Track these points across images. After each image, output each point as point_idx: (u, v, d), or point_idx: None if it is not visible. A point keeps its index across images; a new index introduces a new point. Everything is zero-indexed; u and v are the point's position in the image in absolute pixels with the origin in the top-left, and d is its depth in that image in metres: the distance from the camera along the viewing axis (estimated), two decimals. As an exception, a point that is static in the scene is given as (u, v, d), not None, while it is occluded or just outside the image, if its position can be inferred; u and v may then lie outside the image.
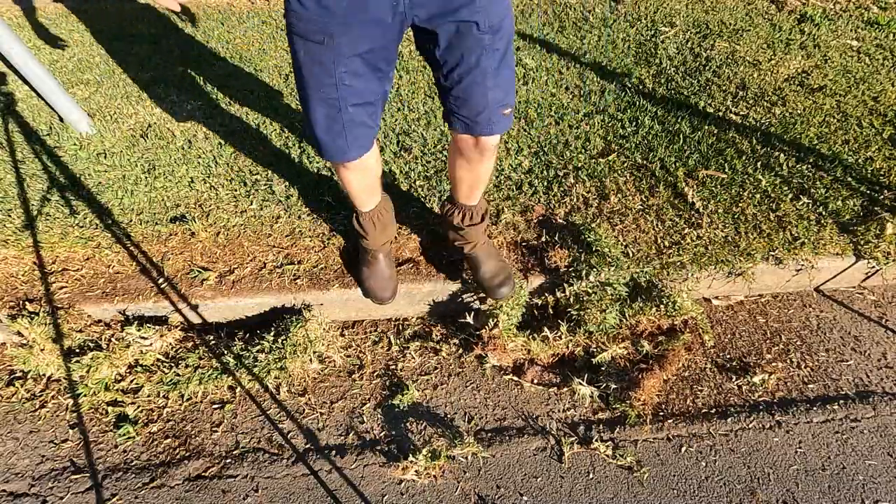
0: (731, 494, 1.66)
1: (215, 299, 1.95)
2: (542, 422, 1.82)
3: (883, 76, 2.79)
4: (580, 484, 1.68)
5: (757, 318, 2.11)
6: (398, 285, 1.92)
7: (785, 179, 2.27)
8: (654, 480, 1.69)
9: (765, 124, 2.52)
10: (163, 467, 1.72)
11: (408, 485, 1.68)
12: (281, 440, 1.78)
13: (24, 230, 2.08)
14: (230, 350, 1.90)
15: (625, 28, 3.14)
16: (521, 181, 2.27)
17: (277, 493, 1.66)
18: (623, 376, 1.83)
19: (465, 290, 2.00)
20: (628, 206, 2.17)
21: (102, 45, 3.00)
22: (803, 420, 1.81)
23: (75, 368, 1.82)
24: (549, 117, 2.56)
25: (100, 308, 1.92)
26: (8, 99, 2.57)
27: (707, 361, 1.98)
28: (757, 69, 2.84)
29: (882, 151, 2.38)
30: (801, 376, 1.93)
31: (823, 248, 2.05)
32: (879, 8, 3.32)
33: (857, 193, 2.22)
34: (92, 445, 1.76)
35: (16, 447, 1.76)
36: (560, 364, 1.95)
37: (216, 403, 1.86)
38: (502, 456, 1.74)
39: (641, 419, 1.80)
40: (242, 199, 2.21)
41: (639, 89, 2.73)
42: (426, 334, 2.05)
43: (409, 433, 1.79)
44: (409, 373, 1.95)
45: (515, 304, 1.89)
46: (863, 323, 2.09)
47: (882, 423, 1.80)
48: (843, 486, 1.67)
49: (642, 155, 2.37)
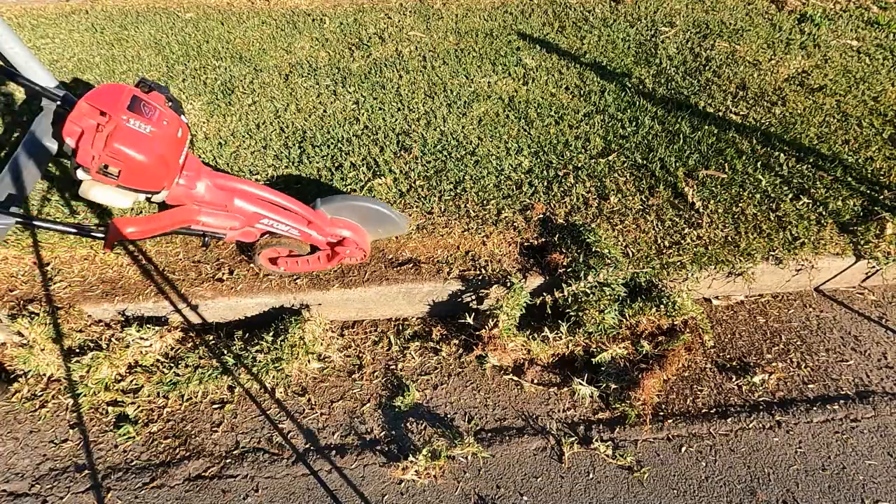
0: (731, 494, 1.66)
1: (215, 299, 1.95)
2: (542, 422, 1.82)
3: (883, 76, 2.79)
4: (580, 484, 1.68)
5: (757, 318, 2.11)
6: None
7: (785, 179, 2.27)
8: (654, 480, 1.69)
9: (765, 124, 2.52)
10: (163, 467, 1.72)
11: (408, 485, 1.68)
12: (281, 440, 1.78)
13: (24, 230, 2.08)
14: (230, 350, 1.90)
15: (625, 28, 3.14)
16: (521, 181, 2.27)
17: (277, 493, 1.66)
18: (623, 376, 1.83)
19: (465, 290, 2.00)
20: (628, 206, 2.17)
21: (102, 45, 3.00)
22: (803, 420, 1.81)
23: (75, 368, 1.82)
24: (549, 117, 2.56)
25: (100, 308, 1.92)
26: (8, 99, 2.57)
27: (707, 361, 1.98)
28: (757, 69, 2.84)
29: (882, 151, 2.38)
30: (801, 376, 1.93)
31: (823, 247, 2.05)
32: (879, 8, 3.32)
33: (857, 193, 2.22)
34: (92, 445, 1.76)
35: (16, 447, 1.76)
36: (560, 364, 1.95)
37: (216, 403, 1.86)
38: (502, 456, 1.74)
39: (641, 419, 1.80)
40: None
41: (639, 89, 2.73)
42: (426, 334, 2.05)
43: (409, 433, 1.79)
44: (409, 373, 1.95)
45: (515, 304, 1.88)
46: (863, 323, 2.09)
47: (882, 423, 1.80)
48: (843, 486, 1.67)
49: (642, 155, 2.37)
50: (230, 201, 1.70)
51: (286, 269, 1.96)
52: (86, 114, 1.35)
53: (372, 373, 1.95)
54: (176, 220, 1.64)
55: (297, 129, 2.51)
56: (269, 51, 2.99)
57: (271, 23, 3.20)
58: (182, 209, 1.65)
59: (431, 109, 2.61)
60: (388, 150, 2.39)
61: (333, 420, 1.83)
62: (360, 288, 1.98)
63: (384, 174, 2.28)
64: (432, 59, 2.93)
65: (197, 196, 1.64)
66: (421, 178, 2.28)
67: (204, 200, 1.66)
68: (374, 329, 2.09)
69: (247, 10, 3.33)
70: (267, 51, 2.99)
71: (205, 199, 1.66)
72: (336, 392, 1.91)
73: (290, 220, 1.78)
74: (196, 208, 1.67)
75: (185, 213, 1.64)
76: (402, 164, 2.34)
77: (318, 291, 1.97)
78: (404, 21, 3.22)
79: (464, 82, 2.76)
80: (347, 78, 2.78)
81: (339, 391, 1.91)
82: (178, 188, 1.59)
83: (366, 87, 2.75)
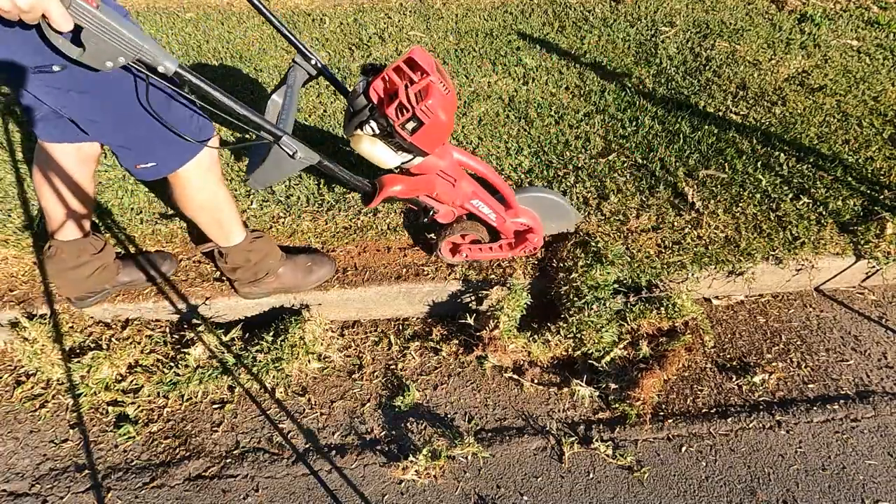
0: (732, 494, 1.66)
1: (215, 299, 1.96)
2: (543, 422, 1.82)
3: (883, 76, 2.79)
4: (580, 484, 1.68)
5: (757, 318, 2.11)
6: None
7: (785, 179, 2.27)
8: (654, 480, 1.69)
9: (765, 124, 2.52)
10: (163, 467, 1.72)
11: (408, 485, 1.68)
12: (281, 440, 1.78)
13: (24, 230, 2.08)
14: (230, 350, 1.90)
15: (625, 28, 3.14)
16: (522, 181, 2.27)
17: (277, 493, 1.66)
18: (623, 376, 1.83)
19: (465, 290, 2.00)
20: (628, 206, 2.16)
21: (102, 45, 3.00)
22: (803, 420, 1.81)
23: (76, 368, 1.82)
24: (549, 117, 2.56)
25: (100, 308, 1.92)
26: (8, 99, 2.57)
27: (707, 361, 1.98)
28: (757, 69, 2.84)
29: (882, 151, 2.38)
30: (802, 376, 1.93)
31: (823, 247, 2.05)
32: (879, 8, 3.32)
33: (857, 193, 2.22)
34: (92, 445, 1.76)
35: (16, 447, 1.76)
36: (560, 365, 1.95)
37: (216, 403, 1.86)
38: (502, 456, 1.74)
39: (641, 419, 1.80)
40: (242, 199, 2.21)
41: (639, 89, 2.73)
42: (426, 334, 2.05)
43: (410, 433, 1.80)
44: (409, 373, 1.95)
45: (516, 305, 1.88)
46: (863, 323, 2.09)
47: (882, 423, 1.80)
48: (843, 485, 1.67)
49: (642, 155, 2.37)
50: (459, 178, 1.73)
51: (469, 256, 1.97)
52: (397, 73, 1.42)
53: (372, 373, 1.96)
54: (424, 187, 1.68)
55: (298, 130, 2.51)
56: (269, 51, 2.99)
57: (271, 23, 3.20)
58: (429, 178, 1.67)
59: (431, 109, 2.61)
60: (388, 150, 2.39)
61: (333, 420, 1.83)
62: (360, 288, 1.98)
63: (384, 174, 2.28)
64: (432, 58, 2.93)
65: (440, 167, 1.66)
66: (421, 178, 2.28)
67: (445, 173, 1.68)
68: (375, 329, 2.09)
69: (247, 10, 3.33)
70: (267, 51, 2.99)
71: (446, 172, 1.68)
72: (336, 392, 1.91)
73: (493, 204, 1.81)
74: (435, 179, 1.69)
75: (430, 182, 1.68)
76: (402, 164, 2.34)
77: (318, 291, 1.97)
78: (404, 21, 3.22)
79: (464, 82, 2.76)
80: (348, 78, 2.78)
81: (340, 391, 1.91)
82: (432, 157, 1.61)
83: (366, 87, 2.74)
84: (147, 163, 1.44)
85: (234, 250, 1.77)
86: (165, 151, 1.44)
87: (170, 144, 1.42)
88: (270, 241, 1.88)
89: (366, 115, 1.46)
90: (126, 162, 1.45)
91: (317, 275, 1.94)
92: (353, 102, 1.48)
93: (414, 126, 1.41)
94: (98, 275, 1.81)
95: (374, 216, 2.15)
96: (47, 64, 1.18)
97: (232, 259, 1.79)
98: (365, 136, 1.50)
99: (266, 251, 1.83)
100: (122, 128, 1.36)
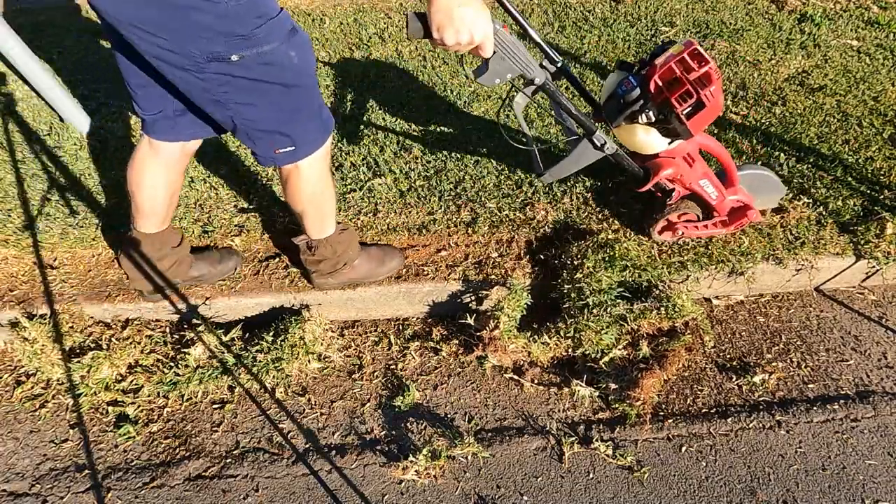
0: (732, 494, 1.66)
1: (215, 299, 1.96)
2: (542, 422, 1.82)
3: (883, 76, 2.79)
4: (580, 484, 1.68)
5: (757, 318, 2.11)
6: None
7: (785, 179, 2.26)
8: (654, 480, 1.69)
9: (765, 124, 2.52)
10: (163, 467, 1.72)
11: (408, 485, 1.68)
12: (281, 440, 1.78)
13: (24, 230, 2.08)
14: (230, 350, 1.90)
15: (625, 28, 3.14)
16: (522, 180, 2.27)
17: (277, 493, 1.66)
18: (623, 376, 1.83)
19: (465, 290, 2.00)
20: (628, 206, 2.16)
21: (102, 45, 3.00)
22: (803, 420, 1.81)
23: (75, 368, 1.82)
24: (550, 117, 2.56)
25: (100, 308, 1.92)
26: (8, 99, 2.57)
27: (707, 361, 1.98)
28: (757, 69, 2.84)
29: (882, 151, 2.38)
30: (801, 376, 1.93)
31: (823, 247, 2.05)
32: (879, 8, 3.32)
33: (857, 193, 2.22)
34: (92, 445, 1.76)
35: (16, 447, 1.76)
36: (560, 364, 1.95)
37: (216, 403, 1.87)
38: (502, 456, 1.74)
39: (641, 419, 1.80)
40: (243, 199, 2.21)
41: (639, 89, 2.72)
42: (426, 334, 2.05)
43: (410, 433, 1.80)
44: (409, 373, 1.95)
45: (516, 305, 1.88)
46: (863, 323, 2.09)
47: (882, 423, 1.80)
48: (843, 485, 1.67)
49: (642, 155, 2.37)
50: (696, 159, 1.78)
51: (685, 233, 2.01)
52: (675, 63, 1.50)
53: (372, 373, 1.96)
54: (683, 170, 1.76)
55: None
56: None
57: (271, 23, 3.20)
58: (678, 161, 1.74)
59: (431, 109, 2.61)
60: (388, 150, 2.39)
61: (333, 420, 1.83)
62: (361, 288, 1.98)
63: (384, 174, 2.28)
64: (432, 58, 2.93)
65: (687, 150, 1.72)
66: (421, 178, 2.28)
67: (689, 155, 1.74)
68: (375, 329, 2.09)
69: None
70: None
71: (690, 154, 1.74)
72: (336, 392, 1.91)
73: (717, 183, 1.85)
74: (681, 162, 1.76)
75: (676, 165, 1.75)
76: (402, 163, 2.34)
77: (319, 292, 1.97)
78: (404, 21, 3.22)
79: (464, 82, 2.76)
80: (348, 78, 2.78)
81: (340, 391, 1.91)
82: (683, 141, 1.66)
83: (366, 86, 2.75)
84: (286, 147, 1.49)
85: (324, 242, 1.80)
86: (304, 137, 1.50)
87: (308, 131, 1.50)
88: (354, 233, 1.91)
89: (638, 106, 1.55)
90: (263, 148, 1.50)
91: (388, 266, 1.97)
92: (623, 96, 1.58)
93: (690, 111, 1.50)
94: (175, 268, 1.87)
95: (374, 216, 2.15)
96: (226, 53, 1.23)
97: (320, 251, 1.82)
98: (639, 125, 1.59)
99: (349, 242, 1.87)
100: (275, 111, 1.41)
